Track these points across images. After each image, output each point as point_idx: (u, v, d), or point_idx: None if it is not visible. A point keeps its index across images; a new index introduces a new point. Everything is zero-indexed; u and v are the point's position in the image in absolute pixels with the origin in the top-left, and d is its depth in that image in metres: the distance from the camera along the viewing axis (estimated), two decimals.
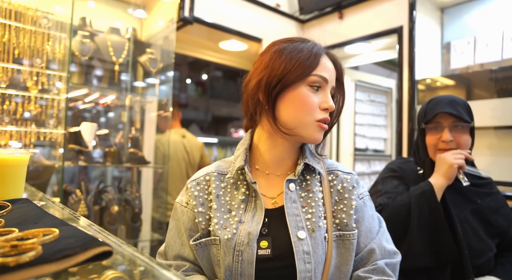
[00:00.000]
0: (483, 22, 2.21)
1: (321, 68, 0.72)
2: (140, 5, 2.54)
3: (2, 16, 1.56)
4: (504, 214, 1.11)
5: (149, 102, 2.56)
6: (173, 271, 0.35)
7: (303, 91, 0.70)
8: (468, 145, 1.16)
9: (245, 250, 0.67)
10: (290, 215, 0.70)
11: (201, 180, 0.78)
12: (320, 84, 0.71)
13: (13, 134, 1.62)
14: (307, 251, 0.67)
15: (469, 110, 1.17)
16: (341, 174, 0.78)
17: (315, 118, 0.70)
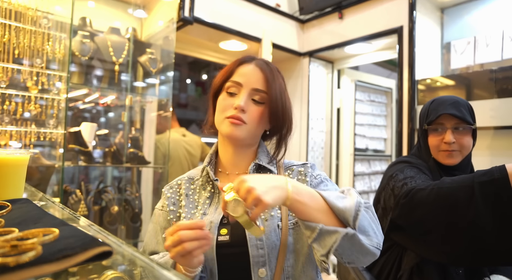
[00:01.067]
0: (483, 22, 2.21)
1: (237, 75, 0.83)
2: (140, 5, 2.54)
3: (2, 16, 1.56)
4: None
5: (149, 102, 2.56)
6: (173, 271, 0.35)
7: (221, 97, 0.84)
8: (470, 147, 1.15)
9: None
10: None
11: (173, 184, 0.92)
12: (236, 88, 0.82)
13: (13, 134, 1.62)
14: (259, 238, 0.74)
15: (471, 112, 1.16)
16: (296, 167, 0.88)
17: (226, 116, 0.80)
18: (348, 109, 3.18)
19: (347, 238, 0.62)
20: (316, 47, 2.90)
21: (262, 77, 0.82)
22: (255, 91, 0.81)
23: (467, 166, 1.20)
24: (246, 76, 0.82)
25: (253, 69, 0.83)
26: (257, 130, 0.83)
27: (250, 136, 0.82)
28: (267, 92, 0.81)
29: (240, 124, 0.79)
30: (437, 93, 2.20)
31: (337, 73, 3.18)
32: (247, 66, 0.83)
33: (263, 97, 0.81)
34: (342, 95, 3.18)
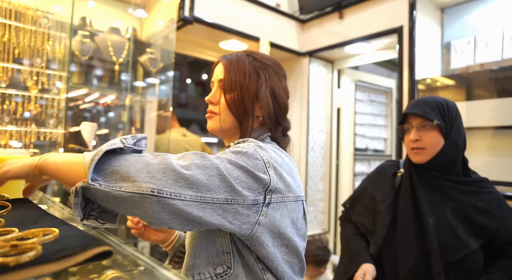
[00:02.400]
0: (483, 22, 2.21)
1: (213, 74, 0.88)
2: (140, 5, 2.54)
3: (2, 16, 1.56)
4: (496, 215, 1.08)
5: (149, 102, 2.56)
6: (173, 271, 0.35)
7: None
8: (437, 144, 1.14)
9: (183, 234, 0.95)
10: None
11: None
12: (212, 86, 0.87)
13: (13, 134, 1.62)
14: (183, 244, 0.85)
15: (440, 110, 1.15)
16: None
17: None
18: (348, 109, 3.18)
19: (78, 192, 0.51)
20: (316, 47, 2.90)
21: (223, 67, 0.84)
22: (220, 82, 0.83)
23: (450, 166, 1.17)
24: (215, 72, 0.87)
25: (219, 64, 0.86)
26: (227, 118, 0.81)
27: (225, 125, 0.82)
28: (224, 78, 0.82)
29: (211, 116, 0.83)
30: (437, 93, 2.20)
31: (337, 73, 3.18)
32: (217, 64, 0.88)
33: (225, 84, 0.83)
34: (342, 95, 3.17)
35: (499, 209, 1.09)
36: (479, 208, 1.09)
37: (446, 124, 1.14)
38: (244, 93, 0.80)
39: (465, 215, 1.09)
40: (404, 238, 1.14)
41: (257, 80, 0.81)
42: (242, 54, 0.84)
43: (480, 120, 1.99)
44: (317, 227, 2.97)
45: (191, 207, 0.55)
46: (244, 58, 0.83)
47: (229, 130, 0.83)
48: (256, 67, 0.83)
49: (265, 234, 0.65)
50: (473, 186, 1.14)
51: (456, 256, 1.05)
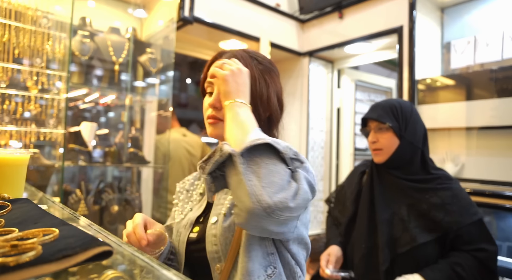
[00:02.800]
0: (483, 22, 2.21)
1: (209, 75, 0.80)
2: (140, 5, 2.54)
3: (2, 16, 1.56)
4: (450, 210, 1.13)
5: (149, 102, 2.56)
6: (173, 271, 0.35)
7: (204, 99, 0.83)
8: (392, 144, 1.22)
9: (182, 232, 0.82)
10: (217, 204, 0.80)
11: (185, 180, 0.96)
12: (210, 88, 0.81)
13: (13, 134, 1.62)
14: (214, 234, 0.74)
15: (394, 112, 1.23)
16: None
17: (206, 117, 0.80)
18: (348, 109, 3.18)
19: (226, 158, 0.59)
20: (316, 47, 2.90)
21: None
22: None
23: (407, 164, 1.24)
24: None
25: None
26: None
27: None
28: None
29: (215, 122, 0.77)
30: (437, 93, 2.20)
31: (337, 73, 3.18)
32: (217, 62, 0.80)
33: None
34: (342, 95, 3.17)
35: (453, 205, 1.15)
36: (433, 204, 1.16)
37: (400, 125, 1.21)
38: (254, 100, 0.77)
39: (419, 211, 1.17)
40: (359, 230, 1.27)
41: (267, 87, 0.80)
42: (246, 56, 0.80)
43: (480, 120, 1.99)
44: (317, 227, 2.97)
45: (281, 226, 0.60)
46: (249, 61, 0.80)
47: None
48: (262, 72, 0.80)
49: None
50: (429, 183, 1.21)
51: (404, 248, 1.14)
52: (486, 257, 1.11)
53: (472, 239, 1.12)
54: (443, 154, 2.20)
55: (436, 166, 1.27)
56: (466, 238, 1.12)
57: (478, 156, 2.04)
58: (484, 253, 1.11)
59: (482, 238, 1.13)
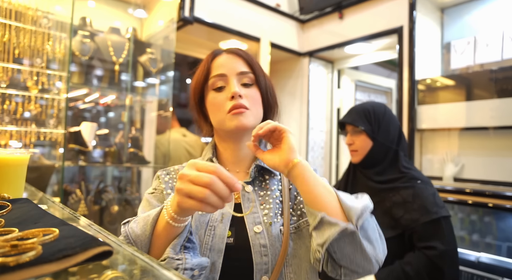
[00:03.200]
0: (483, 22, 2.21)
1: (216, 68, 0.78)
2: (140, 5, 2.54)
3: (2, 16, 1.56)
4: (409, 208, 1.18)
5: (149, 102, 2.56)
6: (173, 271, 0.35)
7: (210, 97, 0.78)
8: (366, 146, 1.30)
9: (218, 226, 0.72)
10: (249, 214, 0.74)
11: (170, 170, 0.83)
12: (222, 81, 0.76)
13: (13, 134, 1.62)
14: (263, 244, 0.69)
15: (367, 115, 1.32)
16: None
17: (225, 111, 0.74)
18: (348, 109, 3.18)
19: (346, 233, 0.59)
20: (316, 47, 2.90)
21: (241, 59, 0.78)
22: (241, 75, 0.77)
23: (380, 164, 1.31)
24: (226, 65, 0.77)
25: (229, 57, 0.79)
26: (259, 113, 0.78)
27: (256, 122, 0.76)
28: (253, 72, 0.78)
29: (243, 111, 0.73)
30: (437, 93, 2.20)
31: (337, 73, 3.18)
32: (221, 57, 0.79)
33: (251, 78, 0.78)
34: (342, 95, 3.18)
35: (413, 203, 1.19)
36: (395, 202, 1.21)
37: (373, 128, 1.30)
38: (269, 92, 0.81)
39: (383, 209, 1.23)
40: None
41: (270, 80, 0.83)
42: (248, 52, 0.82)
43: (480, 120, 1.99)
44: None
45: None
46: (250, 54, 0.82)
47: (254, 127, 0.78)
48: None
49: None
50: (395, 182, 1.26)
51: None
52: (434, 255, 1.13)
53: (425, 236, 1.15)
54: (443, 154, 2.20)
55: (408, 165, 1.31)
56: (420, 235, 1.16)
57: (478, 156, 2.04)
58: (433, 251, 1.13)
59: (435, 236, 1.15)
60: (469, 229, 2.02)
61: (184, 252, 0.59)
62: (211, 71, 0.78)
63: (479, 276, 1.73)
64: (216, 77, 0.76)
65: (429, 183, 1.25)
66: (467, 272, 1.76)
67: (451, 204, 2.01)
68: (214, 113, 0.77)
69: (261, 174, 0.81)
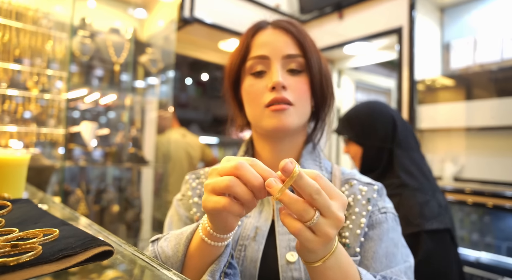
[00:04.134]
0: (483, 22, 2.21)
1: (257, 47, 0.62)
2: (140, 5, 2.54)
3: (3, 17, 1.56)
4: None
5: (150, 102, 2.57)
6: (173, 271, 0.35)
7: (247, 83, 0.63)
8: (357, 153, 1.24)
9: (249, 245, 0.58)
10: (281, 233, 0.58)
11: (200, 173, 0.71)
12: (262, 65, 0.61)
13: (13, 134, 1.62)
14: (297, 278, 0.54)
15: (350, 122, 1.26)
16: (357, 184, 0.63)
17: (263, 104, 0.60)
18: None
19: None
20: None
21: (290, 38, 0.61)
22: (288, 59, 0.61)
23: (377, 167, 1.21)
24: (270, 44, 0.61)
25: (274, 33, 0.62)
26: (307, 109, 0.62)
27: (302, 121, 0.62)
28: (303, 55, 0.61)
29: (286, 108, 0.58)
30: (437, 93, 2.20)
31: (337, 73, 3.18)
32: (265, 33, 0.63)
33: (301, 63, 0.61)
34: (342, 95, 3.18)
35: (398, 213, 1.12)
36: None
37: (356, 133, 1.22)
38: (324, 79, 0.63)
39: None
40: None
41: (326, 63, 0.66)
42: (301, 26, 0.65)
43: (480, 120, 1.99)
44: None
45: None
46: (303, 29, 0.65)
47: (301, 127, 0.63)
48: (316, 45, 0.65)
49: None
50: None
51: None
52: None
53: None
54: (443, 154, 2.20)
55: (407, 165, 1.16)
56: None
57: (477, 156, 2.04)
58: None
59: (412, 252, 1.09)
60: (469, 229, 2.02)
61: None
62: (251, 50, 0.62)
63: (479, 275, 1.73)
64: (256, 58, 0.61)
65: (422, 189, 1.10)
66: (467, 272, 1.77)
67: (451, 204, 2.01)
68: (249, 104, 0.63)
69: None
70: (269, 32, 0.63)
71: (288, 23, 0.63)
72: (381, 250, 0.56)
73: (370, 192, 0.61)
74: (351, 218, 0.59)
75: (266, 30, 0.63)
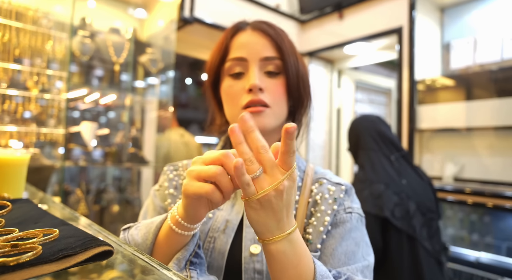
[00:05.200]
0: (483, 22, 2.21)
1: (235, 48, 0.63)
2: (140, 5, 2.54)
3: (3, 16, 1.56)
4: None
5: (150, 102, 2.57)
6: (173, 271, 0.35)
7: (225, 84, 0.64)
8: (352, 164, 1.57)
9: (218, 237, 0.59)
10: (248, 226, 0.59)
11: (178, 165, 0.71)
12: (240, 66, 0.62)
13: (13, 134, 1.62)
14: (259, 270, 0.55)
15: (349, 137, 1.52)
16: (327, 183, 0.64)
17: (240, 105, 0.61)
18: (348, 109, 3.18)
19: None
20: (316, 47, 2.90)
21: (268, 40, 0.63)
22: (266, 61, 0.62)
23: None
24: (248, 46, 0.62)
25: (253, 35, 0.63)
26: (283, 111, 0.64)
27: (278, 122, 0.63)
28: (280, 57, 0.62)
29: (262, 110, 0.59)
30: (437, 93, 2.20)
31: (337, 73, 3.18)
32: (243, 35, 0.64)
33: (278, 66, 0.62)
34: (342, 95, 3.18)
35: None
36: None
37: (351, 145, 1.50)
38: (300, 81, 0.64)
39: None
40: None
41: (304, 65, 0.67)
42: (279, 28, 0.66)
43: (480, 120, 1.99)
44: None
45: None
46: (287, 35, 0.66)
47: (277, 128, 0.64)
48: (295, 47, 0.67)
49: None
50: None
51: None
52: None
53: None
54: (443, 154, 2.20)
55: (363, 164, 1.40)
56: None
57: (478, 156, 2.04)
58: None
59: None
60: (469, 229, 2.02)
61: (190, 269, 0.49)
62: (230, 51, 0.64)
63: (479, 275, 1.73)
64: (234, 60, 0.63)
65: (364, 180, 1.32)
66: (467, 272, 1.77)
67: (451, 204, 2.01)
68: (227, 104, 0.65)
69: None
70: (248, 33, 0.64)
71: (266, 25, 0.64)
72: (341, 248, 0.57)
73: (338, 192, 0.62)
74: (316, 215, 0.60)
75: (245, 31, 0.65)
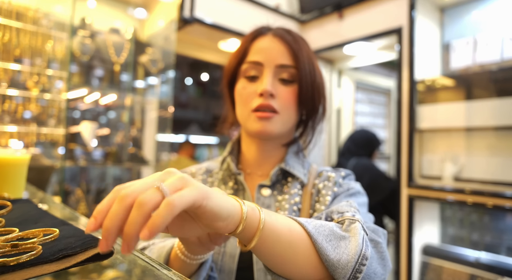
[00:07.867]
0: (483, 22, 2.21)
1: (254, 53, 0.66)
2: (140, 5, 2.54)
3: (3, 16, 1.56)
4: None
5: (150, 102, 2.57)
6: (173, 271, 0.36)
7: (240, 85, 0.67)
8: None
9: (229, 241, 0.60)
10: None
11: (187, 172, 0.73)
12: (256, 70, 0.65)
13: (13, 134, 1.62)
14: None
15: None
16: (327, 172, 0.68)
17: (251, 108, 0.64)
18: (348, 109, 3.18)
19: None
20: (316, 47, 2.90)
21: (286, 48, 0.65)
22: (280, 68, 0.64)
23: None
24: (266, 51, 0.64)
25: (272, 41, 0.65)
26: (291, 118, 0.66)
27: (285, 128, 0.65)
28: (295, 66, 0.64)
29: (270, 116, 0.62)
30: (437, 93, 2.20)
31: (337, 73, 3.18)
32: (263, 40, 0.66)
33: (292, 74, 0.64)
34: (342, 95, 3.18)
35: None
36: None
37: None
38: (315, 91, 0.66)
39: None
40: None
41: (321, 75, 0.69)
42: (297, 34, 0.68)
43: (480, 120, 1.99)
44: None
45: None
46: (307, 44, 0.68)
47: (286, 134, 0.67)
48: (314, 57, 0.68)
49: None
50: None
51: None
52: None
53: None
54: (443, 154, 2.20)
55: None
56: None
57: (477, 156, 2.04)
58: None
59: None
60: (469, 229, 2.02)
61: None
62: (248, 54, 0.66)
63: (479, 275, 1.73)
64: (251, 63, 0.65)
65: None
66: (467, 272, 1.77)
67: (450, 204, 2.01)
68: (239, 105, 0.67)
69: (285, 177, 0.69)
70: (268, 39, 0.66)
71: (286, 33, 0.67)
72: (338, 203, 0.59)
73: (337, 177, 0.67)
74: (319, 199, 0.64)
75: (265, 36, 0.67)
